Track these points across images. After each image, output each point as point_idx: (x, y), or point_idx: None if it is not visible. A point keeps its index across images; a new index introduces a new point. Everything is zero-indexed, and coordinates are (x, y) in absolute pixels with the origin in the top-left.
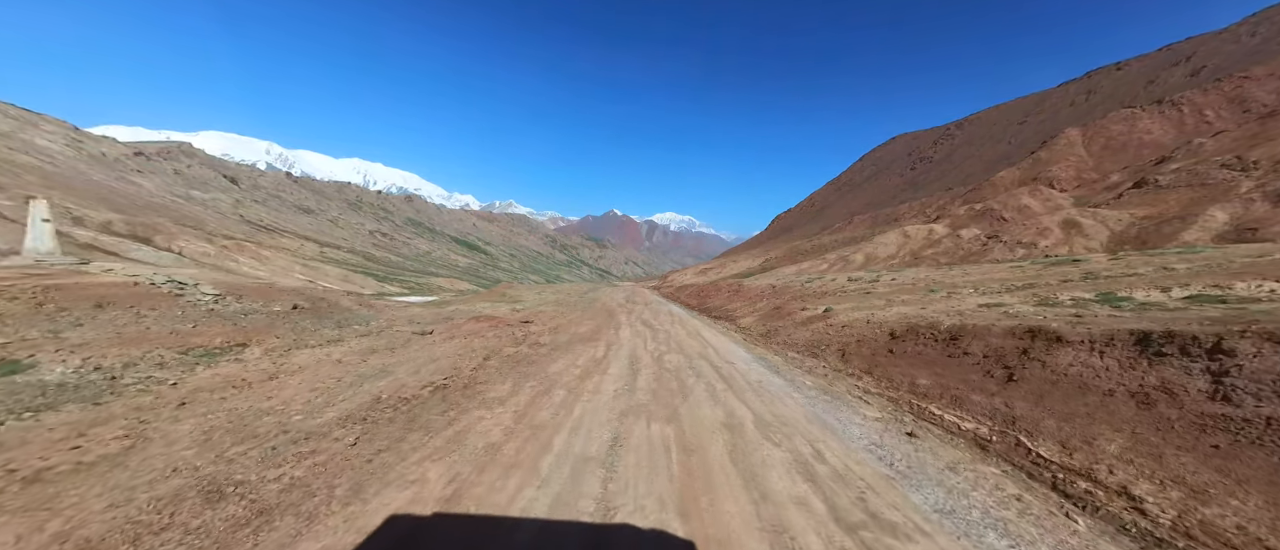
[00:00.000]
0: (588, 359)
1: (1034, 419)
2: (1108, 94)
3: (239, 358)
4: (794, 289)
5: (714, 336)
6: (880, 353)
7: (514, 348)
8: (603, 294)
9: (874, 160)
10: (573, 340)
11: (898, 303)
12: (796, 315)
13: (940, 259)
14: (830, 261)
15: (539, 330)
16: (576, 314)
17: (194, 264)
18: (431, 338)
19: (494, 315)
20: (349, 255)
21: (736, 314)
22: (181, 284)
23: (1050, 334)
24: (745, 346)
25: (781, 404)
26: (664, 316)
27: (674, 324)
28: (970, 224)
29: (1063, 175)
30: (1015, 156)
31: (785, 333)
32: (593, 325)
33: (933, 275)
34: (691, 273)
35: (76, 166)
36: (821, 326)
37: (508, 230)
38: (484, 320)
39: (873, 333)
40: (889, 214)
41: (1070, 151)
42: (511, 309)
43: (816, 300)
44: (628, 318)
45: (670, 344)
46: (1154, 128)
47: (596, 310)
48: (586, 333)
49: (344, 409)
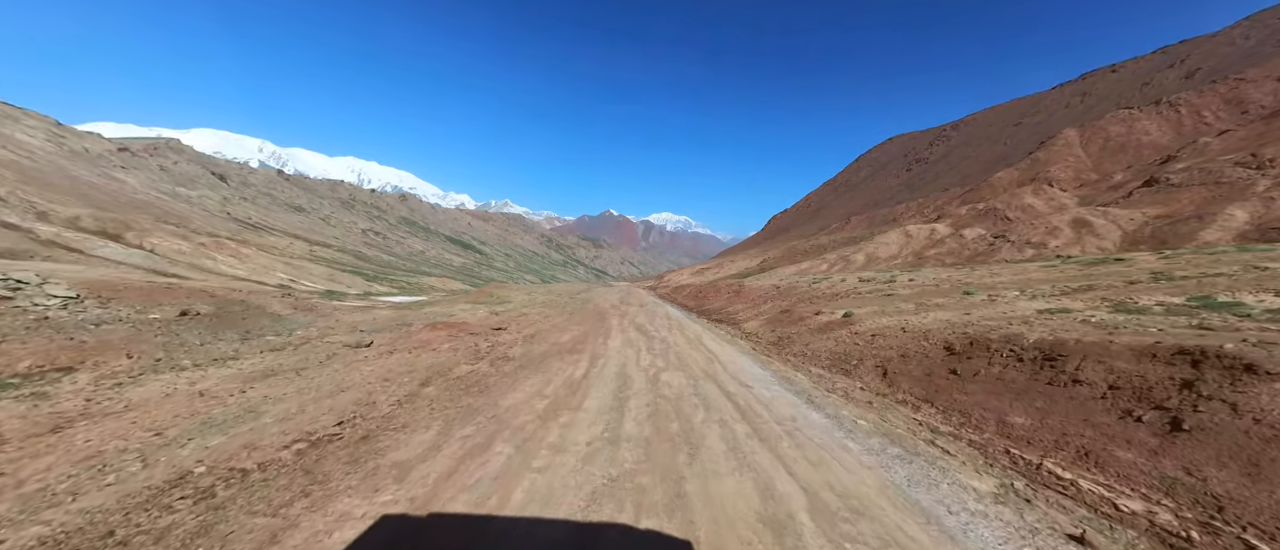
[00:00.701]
0: (562, 382)
1: (1254, 503)
2: (1103, 96)
3: (40, 390)
4: (800, 290)
5: (718, 345)
6: (937, 373)
7: (470, 365)
8: (596, 295)
9: (870, 161)
10: (549, 353)
11: (931, 307)
12: (810, 320)
13: (945, 259)
14: (830, 262)
15: (510, 339)
16: (562, 317)
17: (166, 260)
18: (366, 352)
19: (460, 321)
20: (340, 254)
21: (739, 317)
22: (19, 282)
23: (1229, 360)
24: (756, 358)
25: (837, 462)
26: (660, 320)
27: (672, 330)
28: (973, 224)
29: (1061, 175)
30: (1012, 157)
31: (801, 341)
32: (578, 332)
33: (954, 275)
34: (688, 273)
35: (57, 162)
36: (845, 335)
37: (503, 230)
38: (445, 327)
39: (917, 345)
40: (886, 214)
41: (1069, 152)
42: (490, 311)
43: (829, 303)
44: (620, 322)
45: (668, 357)
46: (1152, 128)
47: (586, 313)
48: (569, 342)
49: (96, 502)
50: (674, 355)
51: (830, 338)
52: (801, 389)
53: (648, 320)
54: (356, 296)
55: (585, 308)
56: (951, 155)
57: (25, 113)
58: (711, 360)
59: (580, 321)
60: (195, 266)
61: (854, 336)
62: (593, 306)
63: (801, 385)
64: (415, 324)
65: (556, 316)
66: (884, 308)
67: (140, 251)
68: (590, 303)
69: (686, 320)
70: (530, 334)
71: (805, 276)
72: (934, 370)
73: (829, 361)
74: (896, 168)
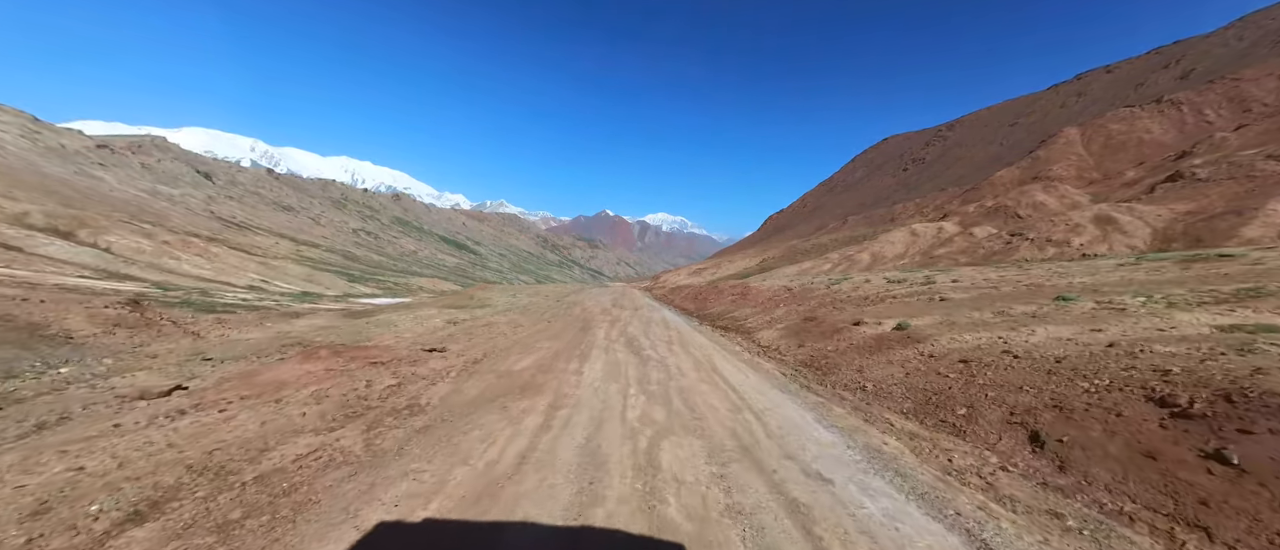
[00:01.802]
0: (473, 477)
1: None
2: (1098, 96)
3: None
4: (818, 292)
5: (737, 370)
6: (1166, 454)
7: (316, 437)
8: (586, 297)
9: (866, 161)
10: (488, 396)
11: (1025, 320)
12: (847, 333)
13: (959, 258)
14: (833, 261)
15: (442, 369)
16: (535, 327)
17: (121, 260)
18: (135, 412)
19: (378, 344)
20: (328, 254)
21: (750, 325)
22: None
23: None
24: (799, 396)
25: None
26: (657, 330)
27: (672, 346)
28: (983, 222)
29: (1064, 174)
30: (1008, 157)
31: (847, 364)
32: (547, 351)
33: (1009, 276)
34: (685, 273)
35: (28, 158)
36: (913, 358)
37: (498, 230)
38: (338, 354)
39: (1074, 389)
40: (884, 214)
41: (1069, 150)
42: (449, 320)
43: (863, 309)
44: (607, 333)
45: (671, 399)
46: (1154, 127)
47: (568, 321)
48: (528, 370)
49: None
50: (679, 395)
51: (891, 360)
52: (922, 487)
53: (642, 330)
54: (333, 298)
55: (569, 313)
56: (947, 155)
57: (0, 108)
58: (737, 405)
59: (556, 333)
60: (154, 266)
61: (929, 361)
62: (578, 312)
63: (908, 468)
64: (290, 356)
65: (530, 326)
66: (949, 318)
67: (92, 250)
68: (576, 307)
69: (689, 329)
70: (477, 357)
71: (813, 277)
72: (1157, 447)
73: (910, 405)
74: (892, 168)
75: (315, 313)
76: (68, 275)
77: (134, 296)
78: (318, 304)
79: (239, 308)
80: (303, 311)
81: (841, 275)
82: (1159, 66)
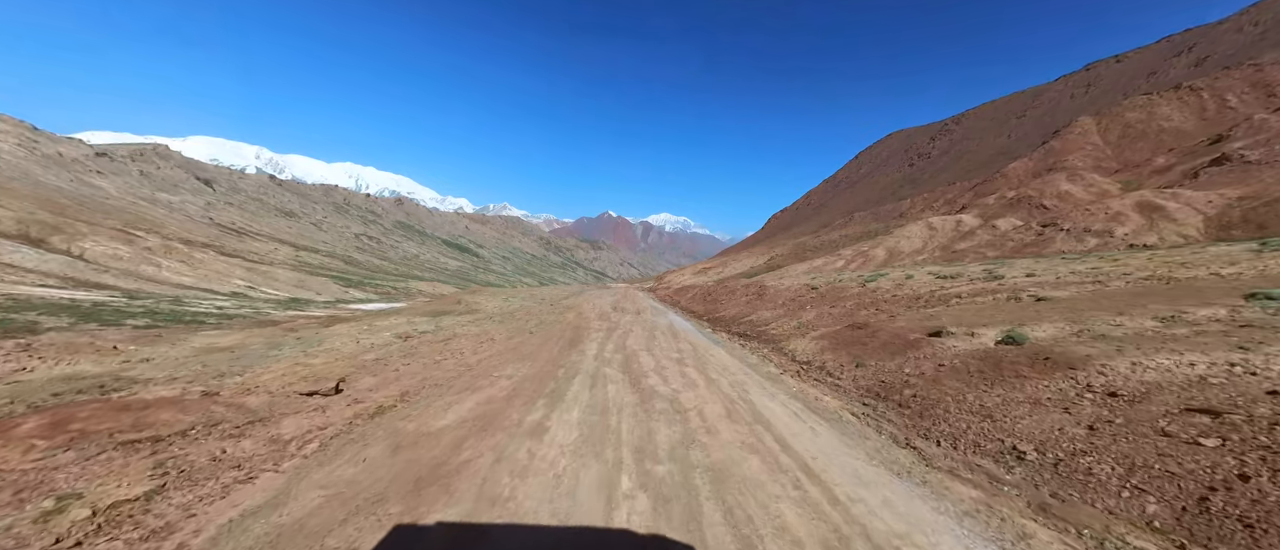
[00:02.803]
0: None
1: None
2: (1109, 86)
3: None
4: (851, 291)
5: (790, 414)
6: None
7: None
8: (584, 300)
9: (870, 157)
10: (318, 525)
11: (1204, 330)
12: (924, 347)
13: (984, 252)
14: (846, 258)
15: (287, 439)
16: (507, 343)
17: (94, 267)
18: None
19: (203, 392)
20: (327, 259)
21: (775, 332)
22: None
23: None
24: (909, 471)
25: None
26: (664, 342)
27: (685, 367)
28: (1006, 214)
29: (1079, 164)
30: (1016, 150)
31: (949, 398)
32: (503, 387)
33: (1105, 269)
34: (690, 272)
35: (23, 166)
36: (1066, 391)
37: (501, 233)
38: (100, 413)
39: None
40: (892, 210)
41: (1085, 140)
42: (399, 333)
43: (921, 312)
44: (600, 349)
45: (702, 510)
46: (1173, 114)
47: (552, 333)
48: (452, 429)
49: None
50: (710, 483)
51: (1036, 400)
52: None
53: (644, 342)
54: (321, 304)
55: (561, 320)
56: (954, 149)
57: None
58: (818, 506)
59: (532, 352)
60: (130, 273)
61: (1116, 406)
62: (572, 318)
63: None
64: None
65: (503, 340)
66: (1082, 326)
67: (62, 257)
68: (571, 312)
69: (703, 339)
70: (388, 402)
71: (834, 274)
72: None
73: (1157, 509)
74: (898, 163)
75: (293, 322)
76: (25, 284)
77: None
78: (302, 311)
79: (210, 317)
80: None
81: (873, 272)
82: (1170, 54)
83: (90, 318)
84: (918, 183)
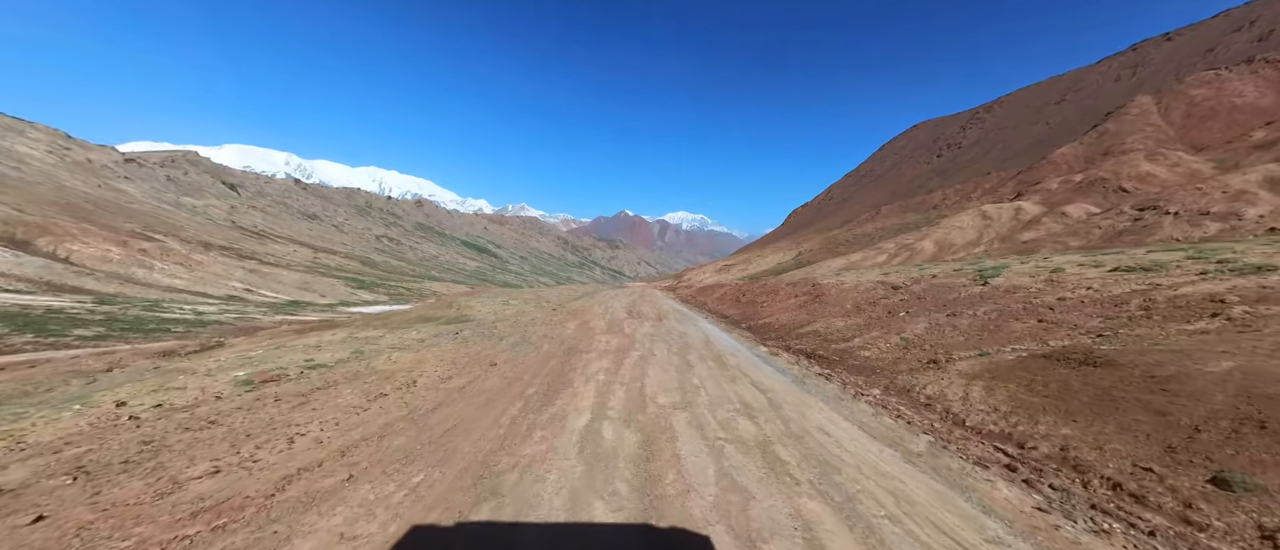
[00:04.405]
0: None
1: None
2: (1159, 65)
3: None
4: (969, 292)
5: None
6: None
7: None
8: (595, 302)
9: (895, 150)
10: None
11: None
12: None
13: (1066, 240)
14: (888, 252)
15: None
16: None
17: (73, 269)
18: None
19: None
20: (345, 261)
21: (868, 355)
22: None
23: None
24: None
25: None
26: (706, 378)
27: (778, 459)
28: (1075, 199)
29: (1139, 146)
30: (1057, 136)
31: None
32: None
33: None
34: (712, 270)
35: (49, 171)
36: None
37: (519, 233)
38: None
39: None
40: (921, 201)
41: (1144, 121)
42: (248, 377)
43: (1157, 326)
44: (600, 396)
45: None
46: (1247, 90)
47: (536, 360)
48: None
49: None
50: None
51: None
52: None
53: (675, 376)
54: (322, 307)
55: (555, 335)
56: (986, 139)
57: (31, 126)
58: None
59: (489, 400)
60: (117, 276)
61: None
62: (571, 331)
63: None
64: None
65: (461, 375)
66: None
67: (42, 260)
68: (574, 321)
69: (762, 367)
70: None
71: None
72: None
73: None
74: (925, 154)
75: (254, 332)
76: None
77: None
78: (294, 314)
79: (179, 324)
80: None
81: (994, 266)
82: (1229, 30)
83: (29, 328)
84: (948, 174)
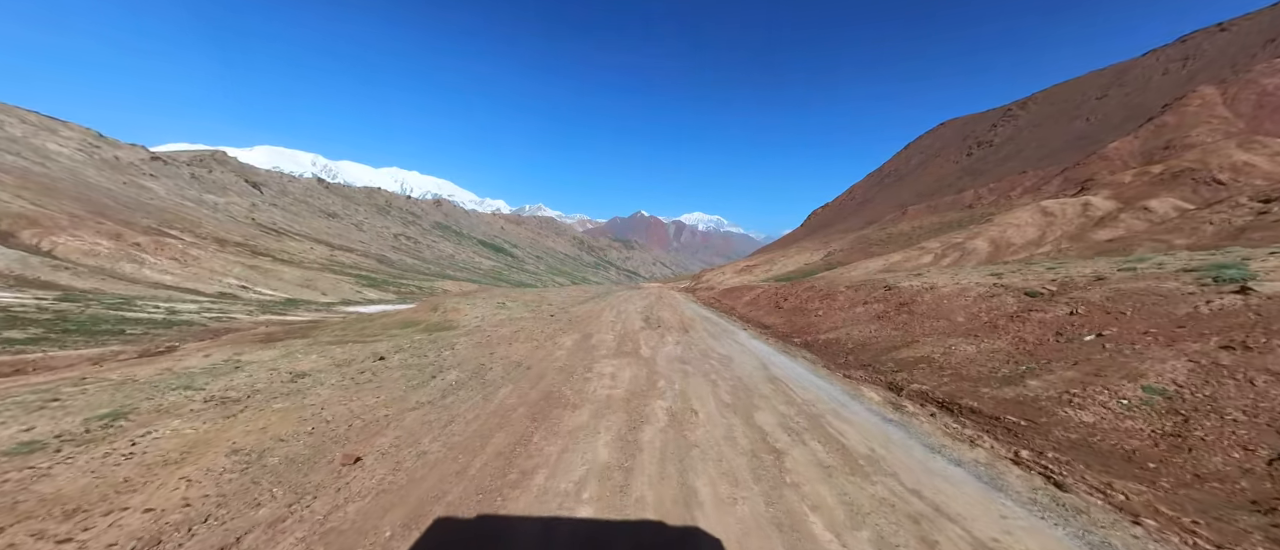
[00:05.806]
0: None
1: None
2: (1213, 57)
3: None
4: (1186, 300)
5: None
6: None
7: None
8: (604, 307)
9: (921, 149)
10: None
11: None
12: None
13: (1170, 238)
14: (934, 252)
15: None
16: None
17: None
18: None
19: None
20: (361, 259)
21: (1096, 426)
22: None
23: None
24: None
25: None
26: (813, 474)
27: None
28: (1158, 193)
29: (1204, 139)
30: (1100, 132)
31: None
32: None
33: None
34: (732, 271)
35: (75, 168)
36: None
37: (535, 233)
38: None
39: None
40: (953, 201)
41: (1208, 112)
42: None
43: None
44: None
45: None
46: None
47: (479, 419)
48: None
49: None
50: None
51: None
52: None
53: (760, 495)
54: (320, 306)
55: (544, 356)
56: (1020, 136)
57: (64, 124)
58: None
59: None
60: (101, 271)
61: None
62: (565, 352)
63: None
64: None
65: (287, 468)
66: None
67: (19, 253)
68: (574, 331)
69: (902, 443)
70: None
71: (1002, 271)
72: None
73: None
74: (954, 153)
75: (218, 336)
76: None
77: None
78: (284, 314)
79: (141, 325)
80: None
81: (1234, 266)
82: None
83: None
84: (979, 173)
